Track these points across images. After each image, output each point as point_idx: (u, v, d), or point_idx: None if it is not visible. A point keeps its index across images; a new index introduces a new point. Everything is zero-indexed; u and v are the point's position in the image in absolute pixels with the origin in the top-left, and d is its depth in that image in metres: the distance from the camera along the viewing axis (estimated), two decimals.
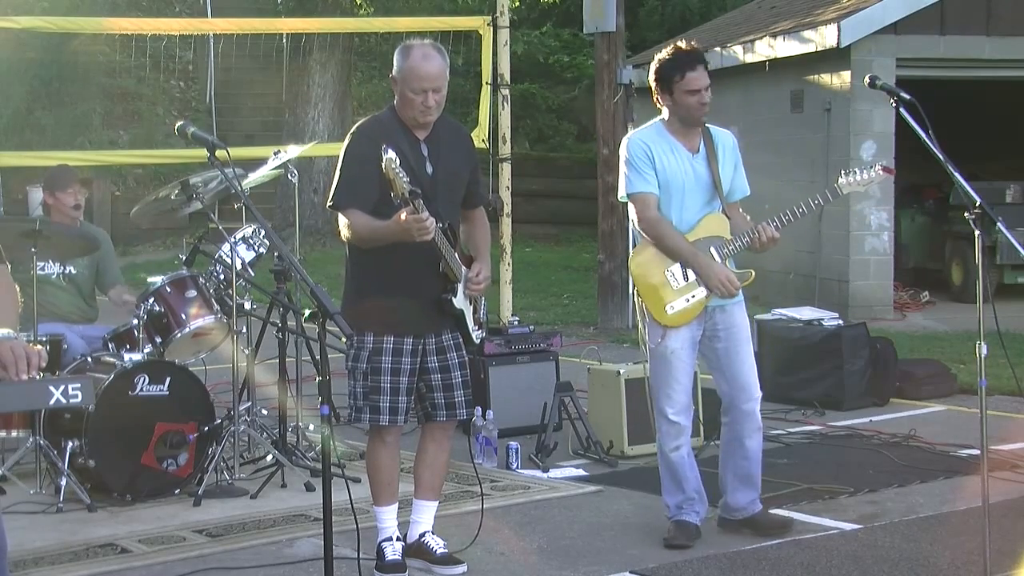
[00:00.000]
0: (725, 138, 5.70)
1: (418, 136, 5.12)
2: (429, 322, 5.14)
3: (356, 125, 5.22)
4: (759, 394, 5.70)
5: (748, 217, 5.73)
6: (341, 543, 4.96)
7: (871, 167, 5.69)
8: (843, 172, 5.67)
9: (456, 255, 5.10)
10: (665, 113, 5.62)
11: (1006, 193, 13.85)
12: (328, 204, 5.16)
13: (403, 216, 4.77)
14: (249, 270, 6.90)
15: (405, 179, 4.68)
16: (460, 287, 5.13)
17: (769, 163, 13.00)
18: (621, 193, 5.66)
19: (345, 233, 5.07)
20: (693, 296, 5.54)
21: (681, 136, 5.58)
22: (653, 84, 5.61)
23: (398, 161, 4.66)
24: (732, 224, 5.63)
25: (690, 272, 5.53)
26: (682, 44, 5.65)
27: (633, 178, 5.55)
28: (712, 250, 5.57)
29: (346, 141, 5.15)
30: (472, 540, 5.50)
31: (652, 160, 5.52)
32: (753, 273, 5.68)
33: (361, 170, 4.99)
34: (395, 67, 5.10)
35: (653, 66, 5.64)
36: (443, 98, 5.10)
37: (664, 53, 5.65)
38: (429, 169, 5.09)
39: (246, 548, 5.61)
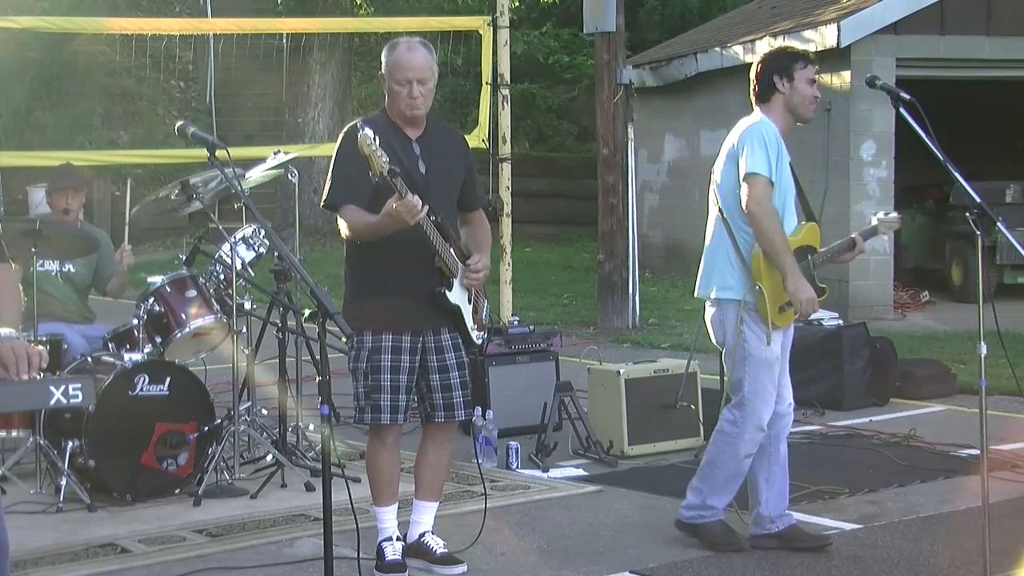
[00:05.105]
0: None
1: (410, 135, 5.12)
2: (426, 318, 5.12)
3: (347, 126, 5.22)
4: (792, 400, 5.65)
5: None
6: (341, 543, 4.96)
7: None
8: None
9: (452, 250, 5.09)
10: (767, 110, 5.42)
11: (1006, 193, 13.87)
12: (322, 203, 5.15)
13: (392, 205, 4.75)
14: (249, 270, 6.90)
15: (383, 157, 4.66)
16: (456, 282, 5.12)
17: None
18: (743, 170, 5.25)
19: (344, 231, 5.06)
20: None
21: (783, 138, 5.40)
22: (765, 74, 5.39)
23: (374, 137, 4.64)
24: None
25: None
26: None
27: (761, 157, 5.22)
28: (809, 259, 5.46)
29: (338, 142, 5.14)
30: (474, 540, 5.50)
31: (779, 151, 5.29)
32: (827, 289, 5.61)
33: (354, 168, 4.96)
34: (382, 64, 5.12)
35: (765, 57, 5.46)
36: (430, 92, 5.09)
37: (775, 48, 5.52)
38: (422, 168, 5.08)
39: (246, 548, 5.61)
